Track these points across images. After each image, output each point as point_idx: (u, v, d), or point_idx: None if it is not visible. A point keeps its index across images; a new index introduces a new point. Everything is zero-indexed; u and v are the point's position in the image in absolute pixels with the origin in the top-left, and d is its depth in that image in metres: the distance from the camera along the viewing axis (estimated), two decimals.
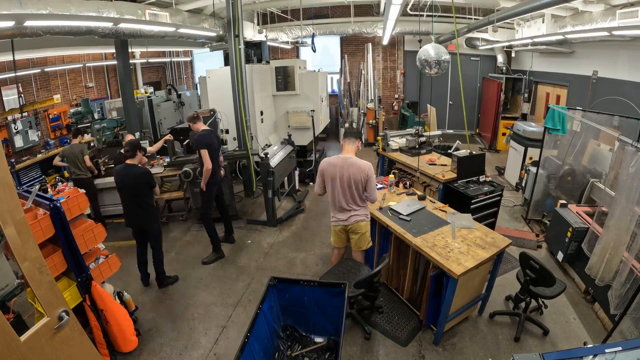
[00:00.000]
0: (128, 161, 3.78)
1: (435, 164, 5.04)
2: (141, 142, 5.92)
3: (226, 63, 10.64)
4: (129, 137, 5.13)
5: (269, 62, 7.69)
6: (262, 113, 6.82)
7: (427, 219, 3.59)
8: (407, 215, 3.61)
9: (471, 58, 10.37)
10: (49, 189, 3.16)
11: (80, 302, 2.83)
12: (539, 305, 3.43)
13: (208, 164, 4.24)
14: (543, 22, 5.93)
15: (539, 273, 3.02)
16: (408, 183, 4.45)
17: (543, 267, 2.98)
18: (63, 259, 2.71)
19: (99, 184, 5.50)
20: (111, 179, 5.50)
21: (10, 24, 3.71)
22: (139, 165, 3.85)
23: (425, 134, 5.99)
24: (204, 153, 4.24)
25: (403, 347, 3.17)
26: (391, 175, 4.43)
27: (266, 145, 6.48)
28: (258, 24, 9.46)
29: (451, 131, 10.55)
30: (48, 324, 1.96)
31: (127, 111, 7.07)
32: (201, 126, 4.49)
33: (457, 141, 6.44)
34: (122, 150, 4.49)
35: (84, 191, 3.08)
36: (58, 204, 2.60)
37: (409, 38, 10.71)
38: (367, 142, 10.03)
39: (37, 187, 2.85)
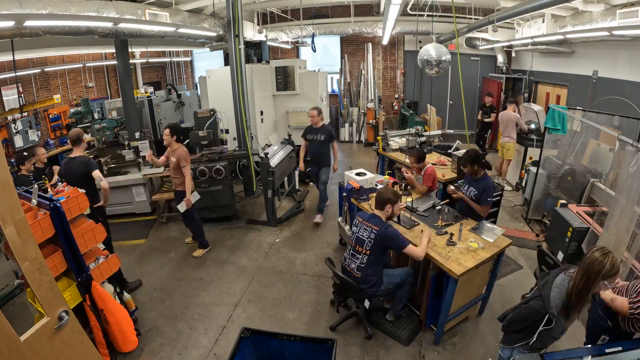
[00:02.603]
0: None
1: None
2: (141, 142, 5.93)
3: (226, 63, 10.63)
4: (41, 150, 4.72)
5: (269, 62, 7.68)
6: (262, 113, 6.82)
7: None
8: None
9: (471, 58, 10.36)
10: (48, 189, 3.14)
11: (80, 302, 2.83)
12: None
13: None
14: (543, 22, 5.93)
15: (554, 269, 3.01)
16: (403, 185, 4.32)
17: (557, 262, 2.97)
18: (63, 259, 2.71)
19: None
20: (113, 179, 5.52)
21: (10, 24, 3.70)
22: None
23: (425, 133, 5.99)
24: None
25: (404, 346, 3.17)
26: (385, 176, 4.38)
27: (266, 145, 6.48)
28: (258, 24, 9.45)
29: (451, 131, 10.54)
30: (48, 324, 1.96)
31: (127, 111, 7.05)
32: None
33: (457, 141, 6.43)
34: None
35: (84, 191, 3.08)
36: (58, 204, 2.60)
37: (409, 38, 10.70)
38: (367, 142, 10.04)
39: (36, 186, 2.84)
